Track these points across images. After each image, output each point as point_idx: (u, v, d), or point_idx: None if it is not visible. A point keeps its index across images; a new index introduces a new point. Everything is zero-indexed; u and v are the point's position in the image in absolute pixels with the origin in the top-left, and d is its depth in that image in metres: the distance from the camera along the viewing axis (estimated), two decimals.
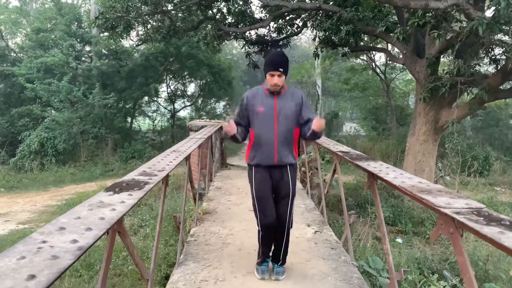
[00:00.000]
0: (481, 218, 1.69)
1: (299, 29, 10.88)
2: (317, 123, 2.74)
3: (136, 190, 2.15)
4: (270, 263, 3.19)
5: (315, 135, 2.87)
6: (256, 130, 2.91)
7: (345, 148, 4.40)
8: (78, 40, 17.60)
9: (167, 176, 2.90)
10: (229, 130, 2.84)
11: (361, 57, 18.73)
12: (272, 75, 2.80)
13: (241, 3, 10.54)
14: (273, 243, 3.09)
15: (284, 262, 3.15)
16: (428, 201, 2.02)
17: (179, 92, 22.38)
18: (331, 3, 8.95)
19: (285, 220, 2.96)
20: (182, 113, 23.88)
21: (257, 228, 3.06)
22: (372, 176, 3.02)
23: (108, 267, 1.88)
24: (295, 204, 3.13)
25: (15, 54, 18.69)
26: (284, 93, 2.93)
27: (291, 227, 3.07)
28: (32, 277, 1.07)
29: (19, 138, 15.02)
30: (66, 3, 18.09)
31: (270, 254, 3.16)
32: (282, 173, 2.95)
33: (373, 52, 17.23)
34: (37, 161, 14.21)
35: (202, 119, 18.68)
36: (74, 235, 1.40)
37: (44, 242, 1.33)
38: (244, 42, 11.15)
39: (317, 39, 10.05)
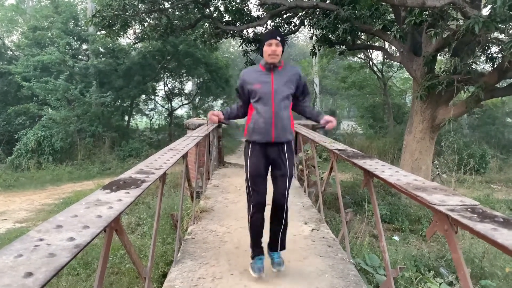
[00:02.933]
0: (475, 215, 1.70)
1: (296, 28, 10.87)
2: (330, 125, 2.96)
3: (134, 188, 2.15)
4: (265, 259, 3.18)
5: (317, 123, 3.06)
6: (254, 106, 2.93)
7: (341, 146, 4.41)
8: (75, 38, 17.56)
9: (165, 174, 2.90)
10: (213, 120, 3.00)
11: (358, 55, 18.75)
12: (270, 44, 2.82)
13: (238, 1, 10.52)
14: (271, 227, 3.08)
15: (283, 247, 3.13)
16: (423, 199, 2.03)
17: (177, 91, 22.36)
18: (328, 1, 8.95)
19: (284, 202, 2.94)
20: (180, 112, 23.88)
21: (248, 211, 3.05)
22: (369, 174, 3.03)
23: (105, 265, 1.88)
24: (291, 204, 3.13)
25: (11, 52, 18.62)
26: (281, 69, 2.94)
27: (289, 209, 3.06)
28: (29, 274, 1.08)
29: (16, 137, 14.96)
30: (62, 1, 18.01)
31: (262, 245, 3.14)
32: (279, 150, 2.95)
33: (370, 50, 17.26)
34: (34, 159, 14.18)
35: (200, 117, 18.66)
36: (71, 233, 1.41)
37: (41, 240, 1.33)
38: (241, 41, 11.14)
39: (314, 37, 10.05)
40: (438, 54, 8.77)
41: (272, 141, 2.90)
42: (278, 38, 2.82)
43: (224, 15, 10.78)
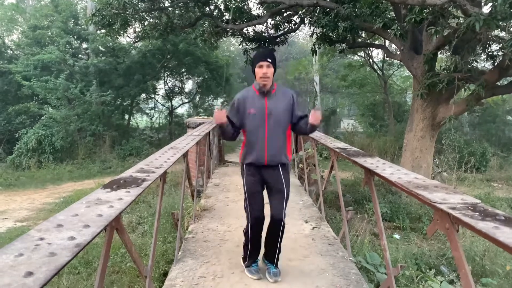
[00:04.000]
0: (477, 214, 1.70)
1: (296, 26, 10.85)
2: (314, 116, 2.76)
3: (134, 187, 2.15)
4: (260, 262, 3.20)
5: (313, 128, 2.90)
6: (247, 131, 2.93)
7: (342, 145, 4.41)
8: (75, 37, 17.55)
9: (165, 173, 2.90)
10: (218, 116, 2.79)
11: (359, 54, 18.71)
12: (261, 66, 2.80)
13: None
14: (268, 243, 3.08)
15: (277, 262, 3.13)
16: (424, 197, 2.03)
17: (177, 89, 22.34)
18: None
19: (280, 219, 2.93)
20: (180, 110, 23.85)
21: (246, 227, 3.05)
22: (369, 172, 3.03)
23: (106, 264, 1.88)
24: (292, 203, 3.12)
25: (11, 52, 18.61)
26: (274, 92, 2.92)
27: (284, 227, 3.04)
28: (30, 274, 1.08)
29: (16, 136, 14.98)
30: (62, 0, 17.99)
31: (259, 257, 3.17)
32: (273, 172, 2.96)
33: (371, 48, 17.23)
34: (35, 158, 14.19)
35: (200, 116, 18.64)
36: (71, 232, 1.41)
37: (41, 239, 1.33)
38: (241, 39, 11.13)
39: (314, 35, 10.04)
40: (439, 52, 8.75)
41: (265, 164, 2.91)
42: (269, 60, 2.80)
43: (224, 13, 10.75)
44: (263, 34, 11.12)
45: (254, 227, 2.98)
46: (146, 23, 10.61)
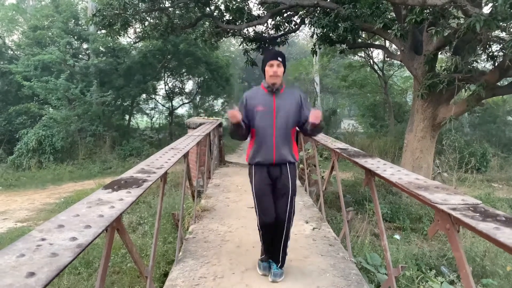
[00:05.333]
0: (477, 214, 1.70)
1: (297, 26, 10.85)
2: (313, 115, 2.72)
3: (135, 187, 2.16)
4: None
5: (315, 128, 2.86)
6: (256, 129, 2.93)
7: (342, 145, 4.41)
8: (76, 37, 17.53)
9: (166, 173, 2.90)
10: (233, 114, 2.73)
11: (359, 54, 18.71)
12: (272, 65, 2.84)
13: (238, 0, 10.51)
14: (273, 240, 3.08)
15: (283, 263, 3.11)
16: (424, 198, 2.03)
17: (177, 90, 22.34)
18: (328, 0, 8.93)
19: (284, 219, 2.95)
20: (180, 111, 23.85)
21: (258, 227, 3.08)
22: (370, 173, 3.03)
23: (107, 264, 1.89)
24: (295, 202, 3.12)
25: (12, 52, 18.61)
26: (283, 92, 2.95)
27: (291, 226, 3.06)
28: (32, 274, 1.08)
29: (17, 136, 14.98)
30: (63, 0, 17.99)
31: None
32: (281, 171, 2.96)
33: (371, 49, 17.23)
34: (35, 159, 14.19)
35: (201, 116, 18.66)
36: (73, 233, 1.41)
37: (43, 239, 1.33)
38: (242, 39, 11.13)
39: (315, 36, 10.04)
40: (439, 53, 8.75)
41: (273, 162, 2.92)
42: (280, 59, 2.84)
43: (225, 14, 10.76)
44: (264, 34, 11.12)
45: (264, 229, 2.99)
46: (146, 23, 10.62)
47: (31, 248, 1.26)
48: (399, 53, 9.11)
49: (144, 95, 20.44)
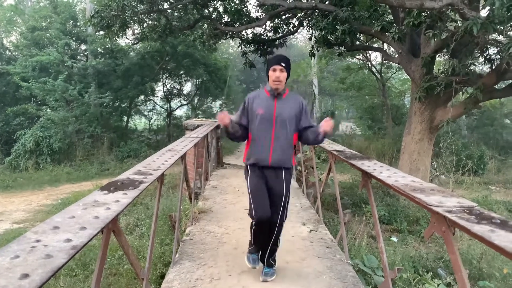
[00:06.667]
0: (473, 217, 1.71)
1: (295, 28, 10.88)
2: (326, 123, 2.78)
3: (131, 189, 2.15)
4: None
5: (324, 137, 2.91)
6: (254, 131, 2.93)
7: (340, 147, 4.42)
8: (74, 38, 17.52)
9: (162, 175, 2.90)
10: (221, 118, 2.79)
11: (357, 57, 18.76)
12: (274, 70, 2.84)
13: (237, 2, 10.53)
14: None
15: (271, 264, 3.12)
16: (420, 200, 2.04)
17: (175, 91, 22.35)
18: (327, 2, 8.97)
19: (276, 221, 2.94)
20: (178, 112, 23.86)
21: (252, 222, 3.06)
22: (366, 175, 3.04)
23: (102, 266, 1.88)
24: (290, 205, 3.10)
25: (10, 53, 18.60)
26: (285, 96, 2.95)
27: (281, 230, 3.04)
28: (26, 276, 1.08)
29: (14, 137, 14.94)
30: (61, 1, 17.98)
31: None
32: (276, 175, 2.95)
33: (369, 51, 17.26)
34: (32, 160, 14.16)
35: (198, 118, 18.66)
36: (68, 234, 1.41)
37: (38, 241, 1.33)
38: (240, 41, 11.15)
39: (313, 38, 10.06)
40: (437, 56, 8.78)
41: (269, 165, 2.90)
42: (283, 64, 2.84)
43: (223, 16, 10.79)
44: (262, 36, 11.14)
45: (259, 226, 2.97)
46: (145, 25, 10.62)
47: (26, 249, 1.25)
48: (397, 55, 9.14)
49: (142, 97, 20.45)
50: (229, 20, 10.65)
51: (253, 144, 2.95)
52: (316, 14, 9.24)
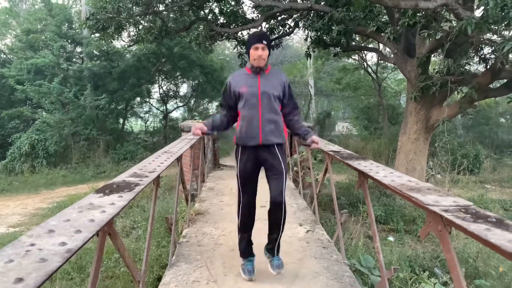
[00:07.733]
0: (469, 216, 1.71)
1: (291, 29, 10.89)
2: (315, 146, 2.98)
3: (127, 191, 2.14)
4: (255, 262, 3.17)
5: (306, 133, 3.01)
6: (242, 110, 2.90)
7: (336, 148, 4.42)
8: (69, 41, 17.49)
9: (158, 177, 2.89)
10: (197, 133, 3.03)
11: (353, 57, 18.82)
12: (256, 48, 2.81)
13: (233, 3, 10.53)
14: (270, 228, 3.02)
15: (278, 251, 3.09)
16: (417, 199, 2.04)
17: (172, 93, 22.33)
18: (322, 3, 8.97)
19: (281, 200, 2.84)
20: (175, 114, 23.83)
21: (238, 211, 3.04)
22: (363, 175, 3.04)
23: (98, 269, 1.87)
24: (287, 206, 3.08)
25: (5, 56, 18.52)
26: (268, 72, 2.93)
27: (287, 212, 2.98)
28: (20, 280, 1.07)
29: (10, 141, 14.87)
30: (56, 4, 17.95)
31: (252, 245, 3.15)
32: (269, 152, 2.90)
33: (365, 52, 17.33)
34: (28, 163, 14.10)
35: (195, 119, 18.63)
36: (63, 238, 1.40)
37: (32, 245, 1.32)
38: (236, 43, 11.14)
39: (309, 39, 10.07)
40: (432, 55, 8.82)
41: (260, 143, 2.87)
42: (265, 42, 2.81)
43: (219, 17, 10.78)
44: None
45: (245, 209, 2.96)
46: (140, 27, 10.60)
47: (20, 253, 1.25)
48: (392, 56, 9.17)
49: (138, 99, 20.41)
50: (225, 21, 10.65)
51: (242, 124, 2.90)
52: (311, 15, 9.26)
